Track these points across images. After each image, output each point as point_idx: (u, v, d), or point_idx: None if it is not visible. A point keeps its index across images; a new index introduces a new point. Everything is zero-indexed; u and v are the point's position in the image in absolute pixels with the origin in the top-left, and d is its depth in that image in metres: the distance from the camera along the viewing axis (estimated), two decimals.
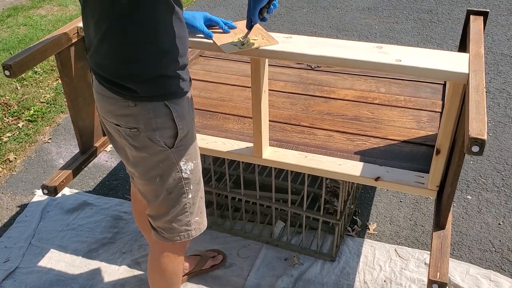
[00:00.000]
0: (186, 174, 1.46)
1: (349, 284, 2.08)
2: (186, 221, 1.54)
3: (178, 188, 1.47)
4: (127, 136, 1.38)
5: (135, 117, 1.33)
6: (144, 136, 1.36)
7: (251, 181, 2.32)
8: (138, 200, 1.82)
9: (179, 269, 1.68)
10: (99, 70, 1.33)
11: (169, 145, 1.39)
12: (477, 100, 1.27)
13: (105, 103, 1.36)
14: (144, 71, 1.28)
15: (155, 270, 1.67)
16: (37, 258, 2.28)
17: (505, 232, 2.32)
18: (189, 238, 1.58)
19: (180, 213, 1.51)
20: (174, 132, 1.38)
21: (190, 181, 1.48)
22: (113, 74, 1.30)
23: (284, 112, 2.15)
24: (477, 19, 1.82)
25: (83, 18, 1.35)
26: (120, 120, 1.36)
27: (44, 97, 3.57)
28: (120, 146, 1.48)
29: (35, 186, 2.76)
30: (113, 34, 1.25)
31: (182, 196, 1.49)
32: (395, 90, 2.26)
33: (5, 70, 1.62)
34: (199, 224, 1.59)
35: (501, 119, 3.06)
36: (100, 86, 1.35)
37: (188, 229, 1.56)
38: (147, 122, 1.33)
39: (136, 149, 1.40)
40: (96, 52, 1.31)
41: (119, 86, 1.30)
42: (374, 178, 1.74)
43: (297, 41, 1.62)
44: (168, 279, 1.68)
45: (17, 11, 5.07)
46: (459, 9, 4.56)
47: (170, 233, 1.55)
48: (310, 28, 4.43)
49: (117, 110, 1.34)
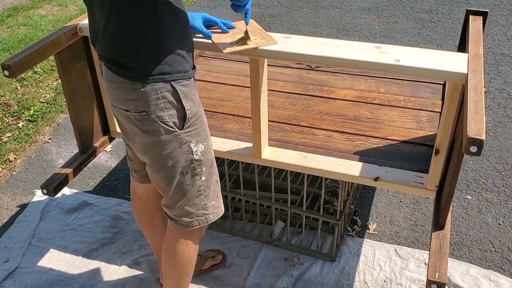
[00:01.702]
0: (197, 156, 1.48)
1: (349, 284, 2.08)
2: (202, 204, 1.55)
3: (190, 170, 1.49)
4: (136, 121, 1.41)
5: (144, 100, 1.36)
6: (154, 118, 1.39)
7: (251, 181, 2.32)
8: (137, 196, 1.83)
9: (194, 257, 1.68)
10: (107, 53, 1.37)
11: (178, 126, 1.42)
12: (475, 100, 1.27)
13: (114, 89, 1.40)
14: (148, 46, 1.32)
15: (171, 259, 1.67)
16: (37, 258, 2.28)
17: (505, 232, 2.32)
18: (207, 223, 1.59)
19: (195, 196, 1.53)
20: (183, 113, 1.41)
21: (202, 163, 1.50)
22: (119, 53, 1.34)
23: (283, 112, 2.15)
24: (476, 19, 1.82)
25: (87, 6, 1.40)
26: (130, 105, 1.39)
27: (44, 97, 3.57)
28: (130, 135, 1.50)
29: (35, 186, 2.76)
30: (117, 13, 1.29)
31: (195, 178, 1.50)
32: (395, 90, 2.26)
33: (5, 70, 1.62)
34: (216, 208, 1.60)
35: (501, 119, 3.06)
36: (108, 72, 1.39)
37: (206, 213, 1.57)
38: (156, 103, 1.36)
39: (146, 134, 1.42)
40: (103, 35, 1.36)
41: (126, 68, 1.34)
42: (374, 178, 1.74)
43: (296, 41, 1.62)
44: (183, 268, 1.68)
45: (17, 11, 5.08)
46: (459, 9, 4.55)
47: (188, 218, 1.56)
48: (310, 28, 4.43)
49: (125, 95, 1.38)
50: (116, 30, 1.32)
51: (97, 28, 1.38)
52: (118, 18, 1.30)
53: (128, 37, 1.32)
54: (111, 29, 1.33)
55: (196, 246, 1.67)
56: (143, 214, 1.86)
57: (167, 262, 1.69)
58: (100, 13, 1.34)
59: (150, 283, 2.12)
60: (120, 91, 1.39)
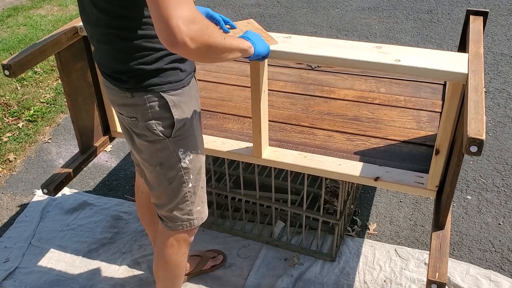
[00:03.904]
0: (185, 164, 1.49)
1: (349, 284, 2.08)
2: (187, 210, 1.58)
3: (178, 177, 1.51)
4: (129, 124, 1.46)
5: (133, 107, 1.39)
6: (142, 125, 1.41)
7: (251, 181, 2.32)
8: (140, 191, 1.85)
9: (182, 261, 1.70)
10: (101, 67, 1.42)
11: (166, 134, 1.43)
12: (475, 100, 1.27)
13: (109, 93, 1.45)
14: (140, 67, 1.33)
15: (160, 261, 1.70)
16: (37, 258, 2.28)
17: (505, 232, 2.32)
18: (192, 227, 1.62)
19: (181, 202, 1.55)
20: (171, 122, 1.42)
21: (189, 171, 1.51)
22: (112, 70, 1.37)
23: (284, 112, 2.15)
24: (476, 19, 1.82)
25: (82, 21, 1.43)
26: (122, 110, 1.43)
27: (44, 97, 3.57)
28: (127, 132, 1.53)
29: (35, 186, 2.76)
30: (108, 38, 1.31)
31: (182, 185, 1.52)
32: (395, 90, 2.26)
33: (5, 70, 1.62)
34: (200, 214, 1.63)
35: (501, 119, 3.06)
36: (103, 79, 1.45)
37: (190, 218, 1.60)
38: (144, 112, 1.39)
39: (138, 136, 1.46)
40: (96, 51, 1.41)
41: (118, 80, 1.37)
42: (374, 178, 1.74)
43: (296, 41, 1.62)
44: (171, 271, 1.70)
45: (17, 11, 5.08)
46: (459, 9, 4.55)
47: (173, 222, 1.59)
48: (310, 28, 4.43)
49: (118, 100, 1.42)
50: (108, 52, 1.35)
51: (91, 37, 1.41)
52: (109, 43, 1.32)
53: (119, 61, 1.34)
54: (103, 50, 1.36)
55: (184, 250, 1.69)
56: (145, 209, 1.87)
57: (157, 264, 1.72)
58: (92, 34, 1.38)
59: (150, 283, 2.12)
60: (114, 96, 1.43)
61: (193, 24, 1.08)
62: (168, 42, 1.08)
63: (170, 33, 1.06)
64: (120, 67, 1.34)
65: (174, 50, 1.10)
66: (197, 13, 1.10)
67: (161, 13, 1.05)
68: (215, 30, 1.16)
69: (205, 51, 1.15)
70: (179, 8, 1.05)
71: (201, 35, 1.10)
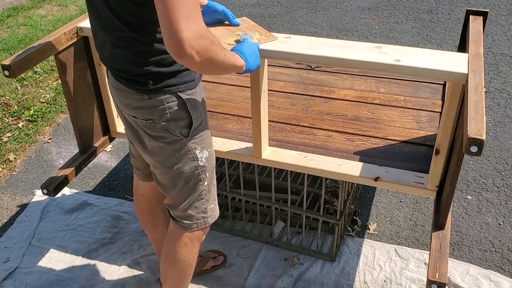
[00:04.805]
0: (202, 162, 1.51)
1: (349, 284, 2.08)
2: (203, 208, 1.59)
3: (194, 176, 1.52)
4: (144, 127, 1.45)
5: (150, 109, 1.39)
6: (160, 126, 1.42)
7: (251, 181, 2.32)
8: (139, 194, 1.84)
9: (193, 260, 1.71)
10: (116, 71, 1.40)
11: (184, 134, 1.44)
12: (475, 100, 1.27)
13: (122, 97, 1.43)
14: (158, 70, 1.34)
15: (171, 261, 1.69)
16: (37, 258, 2.28)
17: (505, 232, 2.32)
18: (206, 225, 1.63)
19: (197, 200, 1.57)
20: (189, 121, 1.44)
21: (206, 169, 1.53)
22: (130, 74, 1.37)
23: (283, 112, 2.15)
24: (476, 19, 1.82)
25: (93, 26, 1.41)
26: (137, 113, 1.42)
27: (44, 97, 3.57)
28: (137, 136, 1.53)
29: (35, 186, 2.76)
30: (124, 42, 1.31)
31: (199, 183, 1.54)
32: (395, 90, 2.25)
33: (5, 70, 1.62)
34: (213, 211, 1.65)
35: (501, 119, 3.06)
36: (116, 82, 1.42)
37: (205, 216, 1.61)
38: (162, 113, 1.39)
39: (154, 139, 1.45)
40: (111, 56, 1.39)
41: (135, 82, 1.37)
42: (374, 178, 1.74)
43: (296, 41, 1.62)
44: (183, 271, 1.70)
45: (17, 11, 5.07)
46: (459, 9, 4.55)
47: (188, 221, 1.59)
48: (310, 28, 4.43)
49: (133, 103, 1.41)
50: (125, 57, 1.35)
51: (102, 43, 1.40)
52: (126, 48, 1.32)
53: (137, 65, 1.34)
54: (119, 56, 1.36)
55: (196, 250, 1.69)
56: (145, 212, 1.87)
57: (167, 265, 1.71)
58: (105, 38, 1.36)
59: (150, 283, 2.12)
60: (128, 100, 1.42)
61: (202, 39, 1.13)
62: (177, 54, 1.12)
63: (180, 46, 1.10)
64: (138, 70, 1.34)
65: (181, 62, 1.15)
66: (205, 28, 1.15)
67: (171, 26, 1.09)
68: (219, 47, 1.22)
69: (208, 65, 1.20)
70: (189, 22, 1.09)
71: (207, 50, 1.16)
